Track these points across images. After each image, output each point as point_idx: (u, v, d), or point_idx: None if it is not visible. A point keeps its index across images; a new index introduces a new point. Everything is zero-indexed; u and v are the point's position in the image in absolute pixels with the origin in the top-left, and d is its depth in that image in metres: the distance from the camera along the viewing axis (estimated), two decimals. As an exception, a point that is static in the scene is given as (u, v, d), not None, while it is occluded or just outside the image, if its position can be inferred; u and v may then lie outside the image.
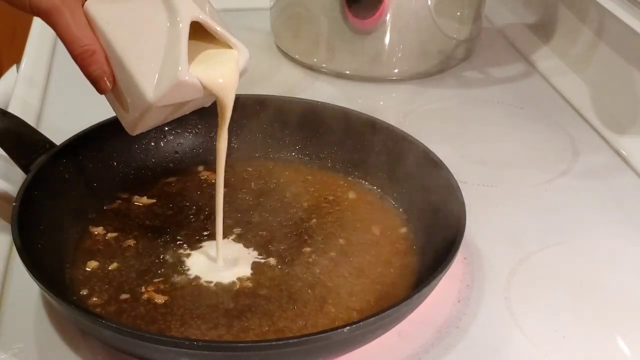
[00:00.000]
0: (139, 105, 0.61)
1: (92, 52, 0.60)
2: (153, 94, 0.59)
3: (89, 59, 0.60)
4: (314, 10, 1.00)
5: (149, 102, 0.60)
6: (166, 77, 0.59)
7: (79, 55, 0.60)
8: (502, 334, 0.65)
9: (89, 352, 0.61)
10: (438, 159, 0.73)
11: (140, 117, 0.62)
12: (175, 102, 0.61)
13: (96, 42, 0.60)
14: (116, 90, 0.62)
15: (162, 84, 0.59)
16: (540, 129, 0.94)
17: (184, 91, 0.60)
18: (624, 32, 0.92)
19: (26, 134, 0.75)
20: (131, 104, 0.62)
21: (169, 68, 0.59)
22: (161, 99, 0.60)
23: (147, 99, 0.59)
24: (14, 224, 0.63)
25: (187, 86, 0.59)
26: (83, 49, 0.60)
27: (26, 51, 1.05)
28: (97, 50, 0.60)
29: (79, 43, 0.60)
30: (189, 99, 0.62)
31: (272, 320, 0.62)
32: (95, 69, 0.60)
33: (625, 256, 0.74)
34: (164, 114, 0.64)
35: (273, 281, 0.66)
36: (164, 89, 0.59)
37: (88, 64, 0.60)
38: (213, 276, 0.67)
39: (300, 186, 0.78)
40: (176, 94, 0.60)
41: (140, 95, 0.60)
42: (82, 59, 0.60)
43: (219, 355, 0.56)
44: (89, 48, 0.60)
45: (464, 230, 0.65)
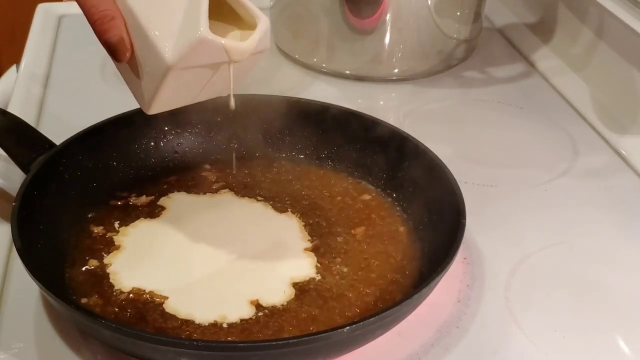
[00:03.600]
0: (158, 70, 0.60)
1: (111, 17, 0.59)
2: (172, 54, 0.58)
3: (108, 24, 0.59)
4: (314, 10, 1.00)
5: (168, 63, 0.59)
6: (186, 36, 0.58)
7: (97, 20, 0.59)
8: (502, 334, 0.65)
9: (89, 352, 0.61)
10: (438, 159, 0.73)
11: (157, 88, 0.61)
12: (194, 64, 0.60)
13: (115, 8, 0.59)
14: (133, 61, 0.61)
15: (182, 43, 0.58)
16: (540, 129, 0.94)
17: (204, 52, 0.59)
18: (624, 32, 0.92)
19: (26, 134, 0.75)
20: (149, 72, 0.61)
21: (189, 28, 0.58)
22: (181, 60, 0.59)
23: (166, 60, 0.59)
24: (14, 224, 0.63)
25: (208, 45, 0.59)
26: (102, 14, 0.59)
27: (26, 51, 1.05)
28: (116, 15, 0.59)
29: (98, 7, 0.59)
30: (209, 62, 0.61)
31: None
32: (114, 35, 0.59)
33: (625, 256, 0.74)
34: (180, 91, 0.63)
35: (273, 281, 0.67)
36: (184, 48, 0.58)
37: (107, 29, 0.59)
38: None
39: (300, 186, 0.78)
40: (196, 54, 0.59)
41: (159, 57, 0.59)
42: (101, 23, 0.59)
43: (219, 355, 0.56)
44: (108, 13, 0.59)
45: (464, 230, 0.65)
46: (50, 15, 1.13)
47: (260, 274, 0.67)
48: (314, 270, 0.68)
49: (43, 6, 1.15)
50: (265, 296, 0.64)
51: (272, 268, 0.68)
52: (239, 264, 0.68)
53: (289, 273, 0.67)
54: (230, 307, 0.63)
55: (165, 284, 0.65)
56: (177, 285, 0.66)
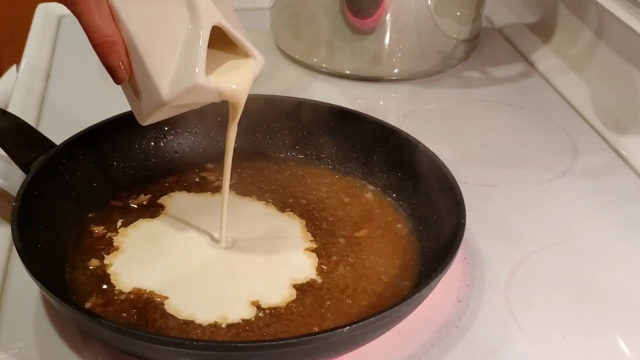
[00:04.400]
0: (153, 101, 0.62)
1: (113, 43, 0.60)
2: (168, 93, 0.60)
3: (109, 49, 0.60)
4: (314, 10, 1.00)
5: (163, 100, 0.61)
6: (183, 78, 0.60)
7: (99, 45, 0.60)
8: (502, 334, 0.65)
9: (89, 352, 0.61)
10: (438, 159, 0.73)
11: (152, 112, 0.63)
12: (188, 102, 0.63)
13: (118, 34, 0.61)
14: (132, 82, 0.63)
15: (178, 85, 0.60)
16: (540, 129, 0.94)
17: (199, 94, 0.61)
18: (624, 32, 0.92)
19: (26, 134, 0.75)
20: (145, 98, 0.63)
21: (186, 70, 0.60)
22: (176, 99, 0.61)
23: (162, 97, 0.61)
24: (14, 224, 0.63)
25: (203, 89, 0.61)
26: (104, 40, 0.60)
27: (26, 51, 1.05)
28: (118, 42, 0.60)
29: (101, 33, 0.60)
30: (202, 101, 0.64)
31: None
32: (114, 59, 0.61)
33: (625, 256, 0.74)
34: (176, 110, 0.65)
35: (273, 281, 0.67)
36: (179, 90, 0.60)
37: (107, 54, 0.60)
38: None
39: (300, 186, 0.78)
40: (191, 95, 0.61)
41: (156, 92, 0.61)
42: (102, 48, 0.60)
43: (219, 355, 0.56)
44: (110, 39, 0.60)
45: (464, 230, 0.65)
46: (50, 15, 1.13)
47: (261, 275, 0.67)
48: (314, 271, 0.68)
49: (43, 6, 1.15)
50: (265, 297, 0.64)
51: (273, 268, 0.68)
52: (239, 264, 0.68)
53: (290, 274, 0.67)
54: (230, 307, 0.63)
55: (166, 284, 0.65)
56: (178, 285, 0.65)
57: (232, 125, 0.67)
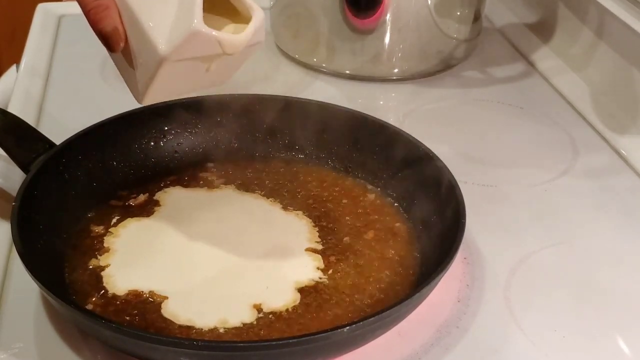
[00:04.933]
0: (151, 61, 0.60)
1: (105, 7, 0.59)
2: (166, 46, 0.58)
3: (102, 14, 0.59)
4: (314, 10, 1.00)
5: (161, 55, 0.59)
6: (180, 28, 0.58)
7: (92, 9, 0.59)
8: (502, 334, 0.65)
9: (89, 352, 0.61)
10: (438, 159, 0.73)
11: (151, 79, 0.61)
12: (188, 56, 0.60)
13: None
14: (127, 51, 0.61)
15: (176, 35, 0.58)
16: (540, 129, 0.94)
17: (198, 44, 0.59)
18: (624, 32, 0.92)
19: (26, 134, 0.75)
20: (142, 63, 0.61)
21: (183, 20, 0.58)
22: (174, 52, 0.59)
23: (160, 52, 0.59)
24: (14, 224, 0.63)
25: (202, 38, 0.58)
26: (96, 3, 0.59)
27: (26, 51, 1.05)
28: (110, 5, 0.59)
29: None
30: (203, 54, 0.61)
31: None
32: (108, 24, 0.59)
33: (625, 256, 0.74)
34: (174, 82, 0.63)
35: (273, 281, 0.67)
36: (178, 40, 0.58)
37: (100, 19, 0.59)
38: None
39: (300, 185, 0.78)
40: (190, 46, 0.59)
41: (153, 49, 0.59)
42: (95, 13, 0.59)
43: (219, 355, 0.56)
44: (102, 2, 0.59)
45: (464, 230, 0.65)
46: (50, 15, 1.13)
47: (263, 276, 0.67)
48: (317, 273, 0.67)
49: (43, 6, 1.15)
50: (268, 300, 0.64)
51: (275, 270, 0.68)
52: (240, 264, 0.68)
53: (293, 276, 0.67)
54: (231, 311, 0.63)
55: (164, 286, 0.65)
56: (176, 288, 0.65)
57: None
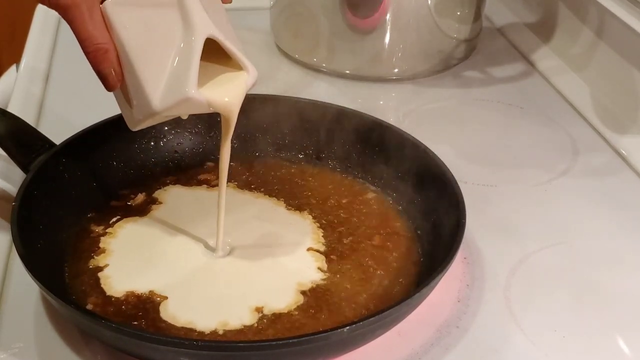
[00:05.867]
0: (144, 110, 0.61)
1: (105, 51, 0.60)
2: (159, 104, 0.60)
3: (101, 57, 0.60)
4: (314, 10, 1.00)
5: (154, 110, 0.61)
6: (174, 90, 0.60)
7: (91, 52, 0.60)
8: (502, 333, 0.65)
9: (89, 352, 0.61)
10: (438, 159, 0.73)
11: (143, 119, 0.63)
12: (179, 113, 0.64)
13: (110, 42, 0.60)
14: (124, 89, 0.62)
15: (169, 96, 0.60)
16: (540, 129, 0.94)
17: (190, 105, 0.61)
18: (624, 31, 0.92)
19: (26, 134, 0.75)
20: (136, 105, 0.62)
21: (178, 82, 0.59)
22: (166, 110, 0.61)
23: (153, 108, 0.60)
24: (14, 224, 0.63)
25: (194, 102, 0.60)
26: (96, 47, 0.60)
27: (26, 51, 1.05)
28: (110, 49, 0.60)
29: (93, 41, 0.60)
30: (193, 112, 0.64)
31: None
32: (106, 67, 0.60)
33: (625, 256, 0.74)
34: (168, 117, 0.65)
35: (273, 281, 0.66)
36: (170, 102, 0.60)
37: (99, 62, 0.60)
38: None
39: (300, 185, 0.78)
40: (181, 107, 0.61)
41: (147, 102, 0.60)
42: (95, 56, 0.60)
43: (219, 355, 0.56)
44: (102, 47, 0.60)
45: (464, 230, 0.65)
46: (50, 15, 1.13)
47: (264, 278, 0.67)
48: (318, 274, 0.67)
49: (43, 6, 1.15)
50: (270, 302, 0.63)
51: (277, 271, 0.67)
52: (240, 266, 0.68)
53: (295, 276, 0.66)
54: (232, 313, 0.62)
55: (163, 286, 0.65)
56: (176, 289, 0.65)
57: (226, 141, 0.66)
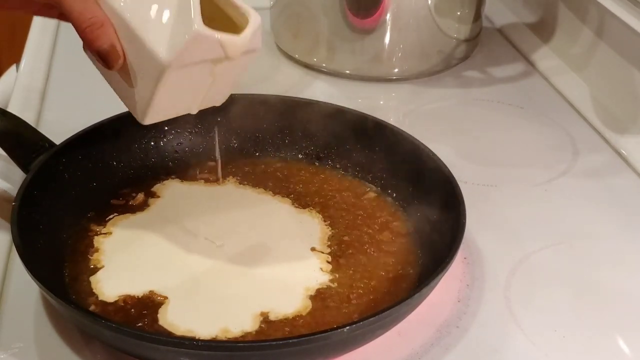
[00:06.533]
0: (153, 72, 0.58)
1: (101, 24, 0.58)
2: (168, 53, 0.57)
3: (97, 31, 0.58)
4: (314, 10, 1.00)
5: (163, 63, 0.57)
6: (181, 33, 0.57)
7: (87, 28, 0.58)
8: (502, 333, 0.65)
9: (89, 352, 0.61)
10: (438, 159, 0.73)
11: (153, 94, 0.60)
12: (190, 61, 0.59)
13: (103, 14, 0.58)
14: (125, 68, 0.60)
15: (177, 41, 0.57)
16: (540, 129, 0.94)
17: (200, 47, 0.58)
18: (624, 32, 0.92)
19: (26, 134, 0.75)
20: (143, 77, 0.60)
21: (182, 25, 0.57)
22: (176, 58, 0.58)
23: (162, 60, 0.57)
24: (14, 224, 0.63)
25: (203, 40, 0.58)
26: (90, 21, 0.58)
27: (26, 51, 1.05)
28: (105, 21, 0.58)
29: (86, 15, 0.58)
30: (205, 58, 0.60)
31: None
32: (104, 42, 0.58)
33: (625, 256, 0.74)
34: (175, 98, 0.62)
35: (273, 281, 0.66)
36: (179, 45, 0.57)
37: (97, 37, 0.58)
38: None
39: (301, 185, 0.78)
40: (192, 51, 0.58)
41: (155, 58, 0.58)
42: (91, 31, 0.58)
43: (219, 355, 0.56)
44: (96, 20, 0.58)
45: (464, 230, 0.65)
46: (50, 15, 1.13)
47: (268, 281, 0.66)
48: (321, 275, 0.67)
49: (43, 6, 1.15)
50: (277, 308, 0.63)
51: (281, 273, 0.67)
52: (242, 267, 0.68)
53: (298, 279, 0.66)
54: (234, 320, 0.61)
55: (163, 287, 0.65)
56: (175, 291, 0.64)
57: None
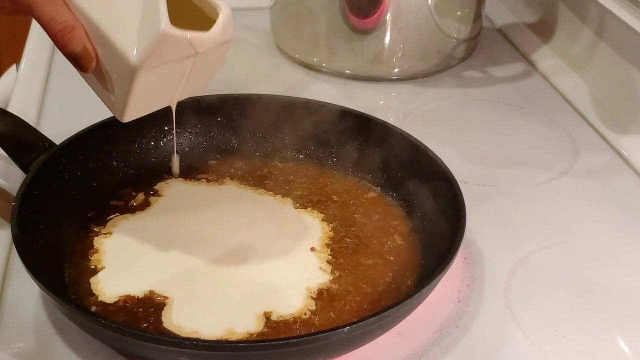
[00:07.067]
0: (125, 73, 0.59)
1: (72, 28, 0.58)
2: (137, 55, 0.57)
3: (69, 35, 0.58)
4: (314, 10, 1.00)
5: (133, 65, 0.57)
6: (149, 34, 0.57)
7: (58, 32, 0.58)
8: (502, 333, 0.65)
9: (89, 352, 0.61)
10: (438, 159, 0.73)
11: (127, 94, 0.60)
12: (161, 62, 0.59)
13: (74, 17, 0.58)
14: (99, 70, 0.60)
15: (145, 42, 0.57)
16: (540, 128, 0.94)
17: (169, 47, 0.58)
18: (625, 31, 0.92)
19: (26, 134, 0.75)
20: (117, 79, 0.60)
21: (150, 26, 0.57)
22: (147, 60, 0.58)
23: (132, 62, 0.57)
24: (14, 224, 0.63)
25: (172, 40, 0.57)
26: (61, 26, 0.58)
27: (26, 51, 1.05)
28: (76, 25, 0.58)
29: (57, 20, 0.58)
30: (175, 57, 0.60)
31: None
32: (76, 45, 0.58)
33: (625, 256, 0.74)
34: (151, 94, 0.62)
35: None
36: (148, 47, 0.57)
37: (68, 41, 0.58)
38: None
39: (301, 185, 0.78)
40: (161, 51, 0.58)
41: (125, 60, 0.58)
42: (62, 35, 0.58)
43: (219, 355, 0.56)
44: (67, 24, 0.58)
45: (464, 230, 0.65)
46: (50, 15, 1.13)
47: (269, 283, 0.66)
48: (322, 275, 0.67)
49: (43, 6, 1.15)
50: (279, 308, 0.63)
51: (281, 274, 0.67)
52: (242, 267, 0.68)
53: (300, 279, 0.66)
54: (238, 321, 0.61)
55: (164, 288, 0.65)
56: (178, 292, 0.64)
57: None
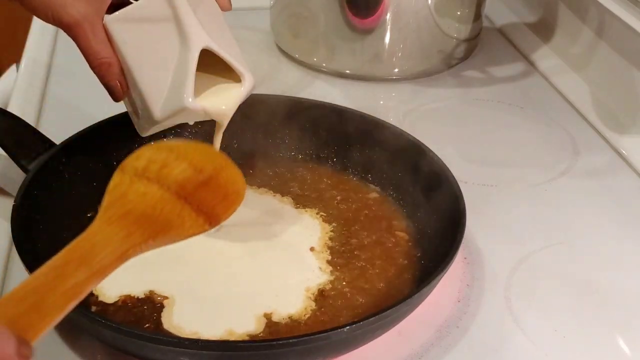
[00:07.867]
0: (148, 119, 0.66)
1: (109, 65, 0.64)
2: (160, 114, 0.64)
3: (106, 71, 0.64)
4: (314, 10, 1.00)
5: (155, 120, 0.65)
6: (173, 101, 0.64)
7: (97, 66, 0.64)
8: (502, 333, 0.65)
9: (89, 352, 0.61)
10: (438, 159, 0.73)
11: (149, 128, 0.68)
12: (181, 121, 0.69)
13: (113, 56, 0.64)
14: (130, 99, 0.67)
15: (168, 107, 0.64)
16: (540, 128, 0.94)
17: (188, 115, 0.65)
18: (625, 31, 0.92)
19: (26, 134, 0.75)
20: (141, 115, 0.67)
21: (176, 93, 0.63)
22: (166, 120, 0.65)
23: (154, 117, 0.65)
24: (14, 224, 0.63)
25: (191, 111, 0.64)
26: (100, 62, 0.64)
27: (26, 51, 1.05)
28: (114, 63, 0.64)
29: (97, 56, 0.64)
30: (194, 120, 0.71)
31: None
32: (111, 79, 0.65)
33: (625, 256, 0.74)
34: (173, 123, 0.70)
35: (273, 281, 0.66)
36: (169, 112, 0.64)
37: (104, 75, 0.65)
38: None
39: (301, 185, 0.78)
40: (181, 116, 0.65)
41: (149, 112, 0.65)
42: (100, 70, 0.64)
43: (219, 355, 0.56)
44: (106, 61, 0.64)
45: (464, 230, 0.65)
46: (50, 15, 1.13)
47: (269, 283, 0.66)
48: (321, 275, 0.67)
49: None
50: (280, 309, 0.63)
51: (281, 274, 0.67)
52: (242, 267, 0.68)
53: (300, 279, 0.66)
54: (238, 322, 0.62)
55: (165, 288, 0.65)
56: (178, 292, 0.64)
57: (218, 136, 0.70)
